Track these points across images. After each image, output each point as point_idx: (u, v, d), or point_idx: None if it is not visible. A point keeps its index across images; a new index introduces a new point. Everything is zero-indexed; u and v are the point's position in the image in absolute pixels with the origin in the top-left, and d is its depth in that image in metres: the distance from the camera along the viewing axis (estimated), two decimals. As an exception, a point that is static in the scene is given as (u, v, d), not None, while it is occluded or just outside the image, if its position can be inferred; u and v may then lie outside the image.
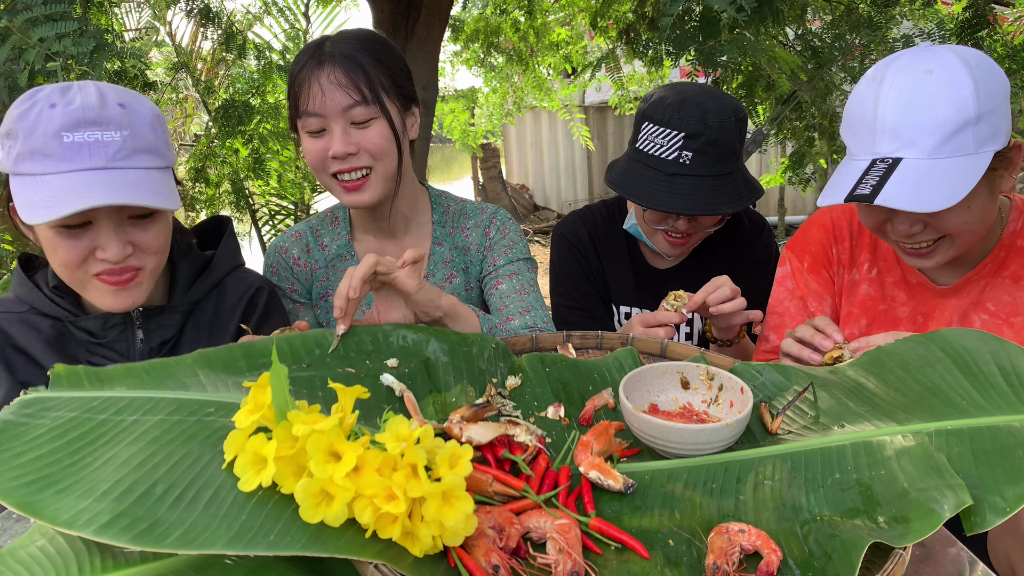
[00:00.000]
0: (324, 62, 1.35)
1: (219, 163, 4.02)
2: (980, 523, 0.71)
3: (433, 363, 1.05)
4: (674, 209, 1.52)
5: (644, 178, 1.55)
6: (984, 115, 1.10)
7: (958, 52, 1.14)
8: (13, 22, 1.62)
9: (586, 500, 0.82)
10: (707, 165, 1.51)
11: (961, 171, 1.10)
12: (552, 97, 6.00)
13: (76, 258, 1.17)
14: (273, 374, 0.72)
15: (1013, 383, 0.88)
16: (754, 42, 2.42)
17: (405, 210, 1.56)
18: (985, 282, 1.31)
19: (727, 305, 1.40)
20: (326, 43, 1.39)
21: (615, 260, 1.81)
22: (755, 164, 8.32)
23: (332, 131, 1.36)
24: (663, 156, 1.53)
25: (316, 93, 1.35)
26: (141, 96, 1.24)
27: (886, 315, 1.41)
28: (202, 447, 0.76)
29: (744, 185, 1.59)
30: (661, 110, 1.54)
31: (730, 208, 1.55)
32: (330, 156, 1.37)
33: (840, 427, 0.91)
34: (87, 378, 0.89)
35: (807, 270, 1.50)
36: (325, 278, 1.57)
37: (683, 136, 1.51)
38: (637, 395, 1.00)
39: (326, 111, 1.35)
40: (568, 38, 5.36)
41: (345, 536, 0.67)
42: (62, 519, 0.65)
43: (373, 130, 1.38)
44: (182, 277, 1.36)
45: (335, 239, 1.58)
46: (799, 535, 0.75)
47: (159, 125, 1.22)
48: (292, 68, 1.41)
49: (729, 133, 1.52)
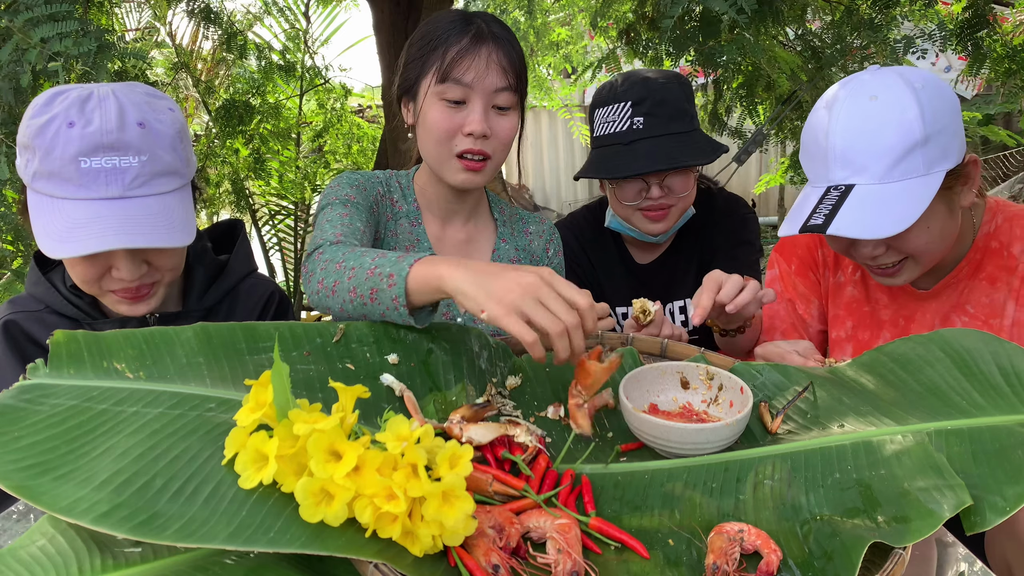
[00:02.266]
0: (486, 38, 1.34)
1: (219, 163, 4.02)
2: (980, 523, 0.71)
3: (433, 362, 1.05)
4: (639, 170, 1.57)
5: (606, 156, 1.63)
6: (932, 136, 1.11)
7: (903, 74, 1.16)
8: (14, 22, 1.62)
9: (586, 500, 0.82)
10: (661, 124, 1.59)
11: (913, 193, 1.12)
12: (552, 97, 6.00)
13: (93, 276, 1.18)
14: (274, 372, 0.72)
15: (1013, 383, 0.88)
16: (754, 42, 2.42)
17: (474, 200, 1.55)
18: (963, 285, 1.33)
19: (743, 296, 1.24)
20: (476, 19, 1.37)
21: (604, 262, 1.84)
22: (755, 164, 8.32)
23: (473, 107, 1.33)
24: (619, 130, 1.61)
25: (475, 65, 1.32)
26: (162, 104, 1.22)
27: (871, 317, 1.43)
28: (202, 442, 0.76)
29: (706, 143, 1.64)
30: (606, 92, 1.65)
31: (695, 160, 1.60)
32: (464, 132, 1.34)
33: (840, 427, 0.91)
34: (86, 346, 0.89)
35: (794, 273, 1.51)
36: (393, 231, 1.49)
37: (630, 104, 1.60)
38: (637, 395, 1.00)
39: (477, 85, 1.32)
40: (568, 38, 5.36)
41: (345, 535, 0.67)
42: (60, 505, 0.65)
43: (508, 120, 1.38)
44: (197, 283, 1.36)
45: (404, 200, 1.52)
46: (799, 535, 0.75)
47: (179, 141, 1.21)
48: (432, 32, 1.36)
49: (673, 93, 1.60)
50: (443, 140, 1.35)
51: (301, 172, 4.37)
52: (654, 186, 1.61)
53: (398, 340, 1.05)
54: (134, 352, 0.90)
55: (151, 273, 1.22)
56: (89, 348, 0.89)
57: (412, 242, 1.50)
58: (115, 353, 0.89)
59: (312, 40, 4.41)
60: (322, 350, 1.00)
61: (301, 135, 4.52)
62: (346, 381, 0.81)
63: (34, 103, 1.16)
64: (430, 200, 1.52)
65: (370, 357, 1.02)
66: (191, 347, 0.93)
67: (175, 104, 1.25)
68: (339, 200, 1.35)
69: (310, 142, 4.56)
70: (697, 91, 3.46)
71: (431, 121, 1.35)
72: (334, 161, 4.59)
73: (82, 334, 0.90)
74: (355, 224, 1.29)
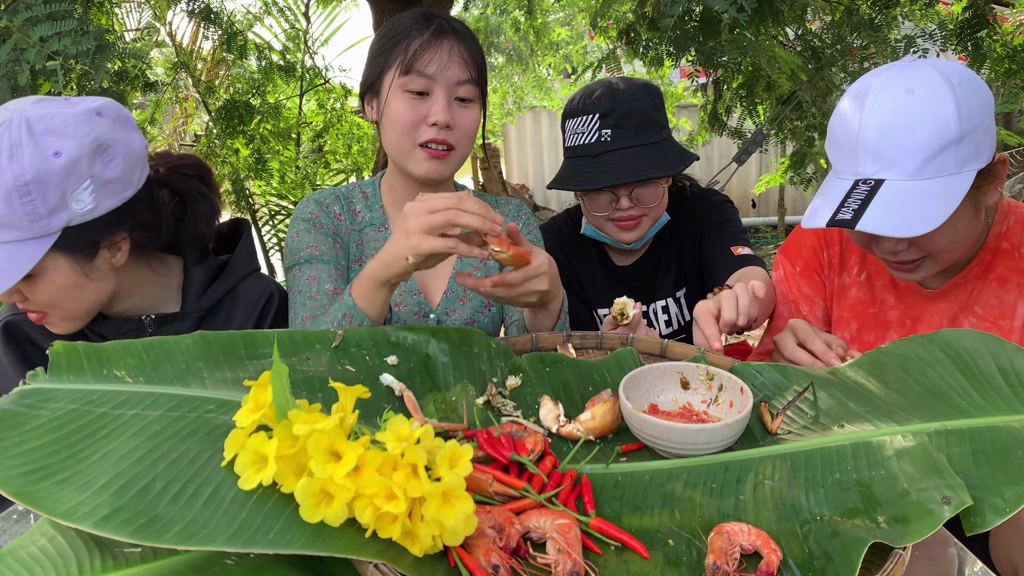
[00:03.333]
0: (447, 32, 1.36)
1: (220, 163, 4.02)
2: (980, 523, 0.71)
3: (433, 362, 1.05)
4: (606, 183, 1.58)
5: (576, 167, 1.64)
6: (967, 134, 1.09)
7: (941, 69, 1.13)
8: (13, 22, 1.62)
9: (586, 500, 0.82)
10: (628, 137, 1.60)
11: (943, 192, 1.10)
12: (552, 97, 6.00)
13: None
14: (274, 373, 0.72)
15: (1013, 383, 0.88)
16: (754, 42, 2.41)
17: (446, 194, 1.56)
18: (973, 285, 1.31)
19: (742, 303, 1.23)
20: (437, 16, 1.39)
21: (586, 265, 1.86)
22: (755, 164, 8.32)
23: (435, 99, 1.35)
24: (587, 142, 1.63)
25: (438, 57, 1.34)
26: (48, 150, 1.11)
27: (876, 319, 1.42)
28: (202, 444, 0.76)
29: (674, 152, 1.65)
30: (575, 103, 1.66)
31: (661, 172, 1.60)
32: (428, 123, 1.36)
33: (840, 427, 0.91)
34: (86, 355, 0.89)
35: (799, 274, 1.50)
36: (359, 242, 1.53)
37: (598, 116, 1.61)
38: (637, 395, 1.00)
39: (440, 77, 1.34)
40: (568, 38, 5.36)
41: (345, 535, 0.67)
42: (60, 510, 0.65)
43: (470, 112, 1.39)
44: (195, 284, 1.36)
45: (368, 209, 1.54)
46: (799, 535, 0.75)
47: (17, 196, 1.09)
48: (395, 28, 1.39)
49: (641, 103, 1.61)
50: (407, 131, 1.37)
51: (301, 172, 4.37)
52: (623, 197, 1.63)
53: (397, 343, 1.05)
54: (134, 361, 0.90)
55: (32, 303, 1.20)
56: (89, 358, 0.89)
57: (377, 250, 1.51)
58: (115, 362, 0.89)
59: (312, 40, 4.40)
60: (321, 355, 1.00)
61: (301, 135, 4.52)
62: (346, 383, 0.81)
63: None
64: (399, 199, 1.53)
65: (369, 360, 1.02)
66: (191, 353, 0.93)
67: (75, 144, 1.12)
68: (304, 258, 1.42)
69: (310, 142, 4.56)
70: (697, 91, 3.46)
71: (395, 112, 1.37)
72: (334, 161, 4.59)
73: (82, 345, 0.90)
74: (323, 287, 1.36)
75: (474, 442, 0.88)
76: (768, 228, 8.51)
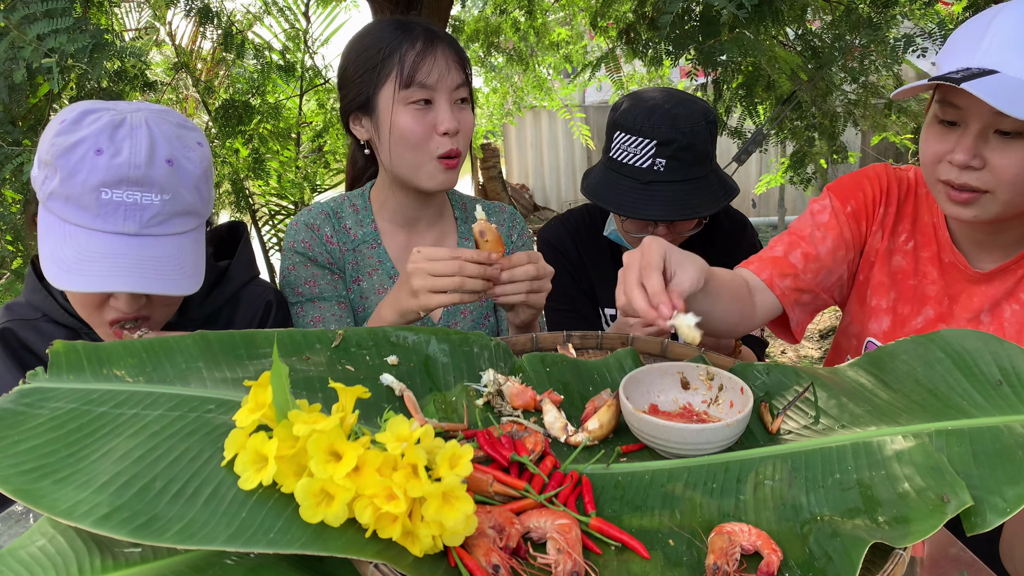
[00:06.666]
0: (436, 39, 1.35)
1: (219, 163, 4.02)
2: (980, 523, 0.71)
3: (433, 362, 1.04)
4: (653, 217, 1.54)
5: (620, 187, 1.57)
6: None
7: None
8: (10, 19, 1.62)
9: (586, 500, 0.82)
10: (681, 170, 1.53)
11: None
12: (552, 97, 6.00)
13: (91, 303, 1.17)
14: (274, 373, 0.72)
15: (1013, 383, 0.88)
16: (754, 41, 2.42)
17: (439, 203, 1.55)
18: (1023, 273, 1.27)
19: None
20: (415, 24, 1.38)
21: (599, 264, 1.82)
22: (755, 164, 8.32)
23: (440, 107, 1.35)
24: (637, 164, 1.55)
25: (436, 66, 1.33)
26: (191, 138, 1.18)
27: (914, 291, 1.37)
28: (202, 444, 0.76)
29: (719, 186, 1.61)
30: (632, 119, 1.56)
31: (707, 210, 1.56)
32: (439, 132, 1.35)
33: (840, 427, 0.91)
34: (86, 355, 0.89)
35: (847, 214, 1.42)
36: (354, 262, 1.53)
37: (655, 144, 1.53)
38: (637, 395, 1.00)
39: (440, 85, 1.34)
40: (568, 38, 5.36)
41: (345, 535, 0.67)
42: (60, 509, 0.65)
43: (469, 113, 1.39)
44: (196, 292, 1.35)
45: (359, 225, 1.53)
46: (799, 535, 0.75)
47: (204, 181, 1.18)
48: (377, 42, 1.37)
49: (701, 137, 1.55)
50: (419, 144, 1.36)
51: (301, 172, 4.37)
52: (662, 226, 1.60)
53: (398, 343, 1.05)
54: (134, 361, 0.90)
55: (149, 307, 1.20)
56: (89, 358, 0.89)
57: (374, 266, 1.51)
58: (115, 362, 0.89)
59: (312, 40, 4.40)
60: (321, 355, 1.00)
61: (301, 135, 4.52)
62: (346, 383, 0.81)
63: (61, 117, 1.12)
64: (393, 212, 1.52)
65: (369, 360, 1.02)
66: (191, 353, 0.93)
67: (204, 137, 1.22)
68: (305, 296, 1.45)
69: (310, 142, 4.56)
70: (697, 91, 3.46)
71: (404, 128, 1.35)
72: (334, 161, 4.58)
73: (82, 345, 0.90)
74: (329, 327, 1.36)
75: (474, 442, 0.88)
76: (768, 228, 8.51)
